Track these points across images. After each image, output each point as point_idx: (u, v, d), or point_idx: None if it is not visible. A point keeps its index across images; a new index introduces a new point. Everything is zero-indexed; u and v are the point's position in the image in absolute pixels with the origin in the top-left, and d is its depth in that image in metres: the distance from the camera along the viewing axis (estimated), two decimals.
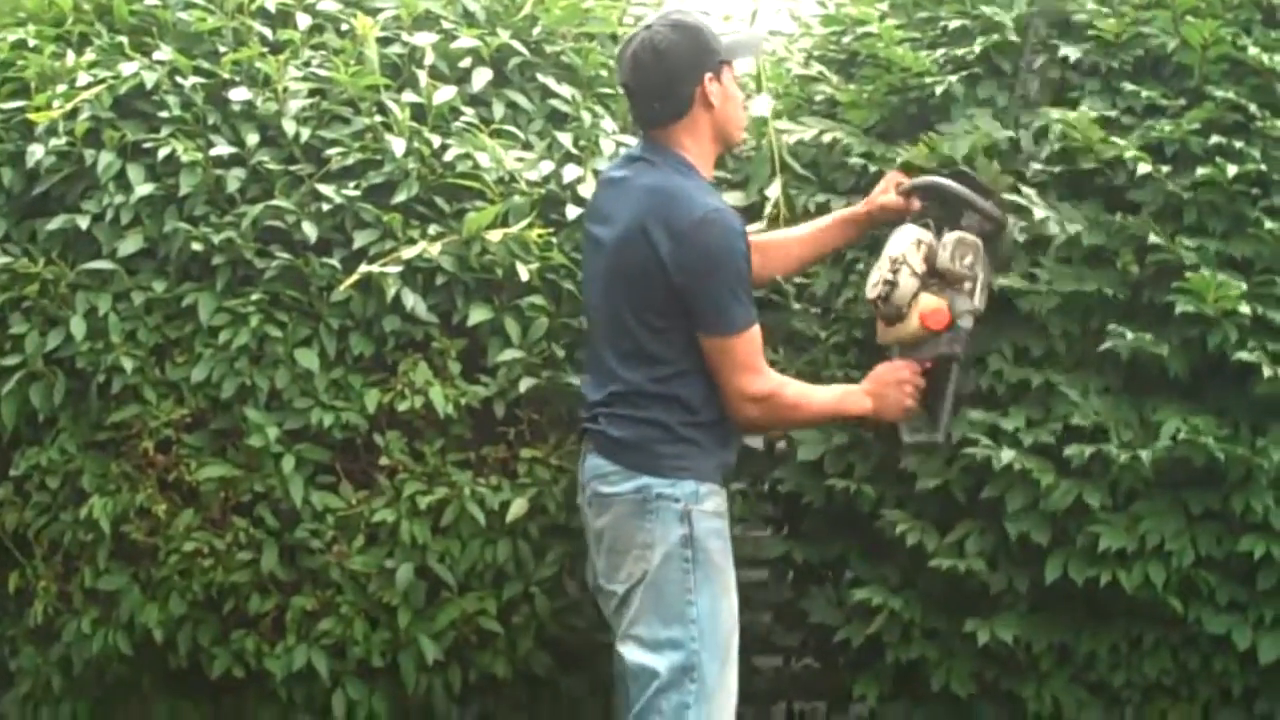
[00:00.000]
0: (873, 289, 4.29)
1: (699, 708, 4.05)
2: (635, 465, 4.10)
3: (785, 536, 4.75)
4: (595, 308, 4.22)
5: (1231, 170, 4.31)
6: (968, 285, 4.29)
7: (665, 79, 4.13)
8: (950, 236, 4.30)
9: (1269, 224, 4.34)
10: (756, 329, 4.13)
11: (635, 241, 4.08)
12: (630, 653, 4.09)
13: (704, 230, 4.05)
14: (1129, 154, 4.36)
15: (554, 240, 4.42)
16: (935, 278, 4.29)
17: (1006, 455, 4.24)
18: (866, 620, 4.49)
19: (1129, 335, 4.26)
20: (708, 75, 4.15)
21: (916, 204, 4.37)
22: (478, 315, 4.35)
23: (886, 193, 4.39)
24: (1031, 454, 4.29)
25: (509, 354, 4.35)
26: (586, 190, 4.44)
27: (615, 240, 4.13)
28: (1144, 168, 4.35)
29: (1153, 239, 4.30)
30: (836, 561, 4.61)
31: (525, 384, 4.36)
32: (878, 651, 4.53)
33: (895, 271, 4.27)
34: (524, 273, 4.34)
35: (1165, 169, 4.38)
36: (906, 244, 4.29)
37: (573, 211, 4.45)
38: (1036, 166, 4.45)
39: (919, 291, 4.27)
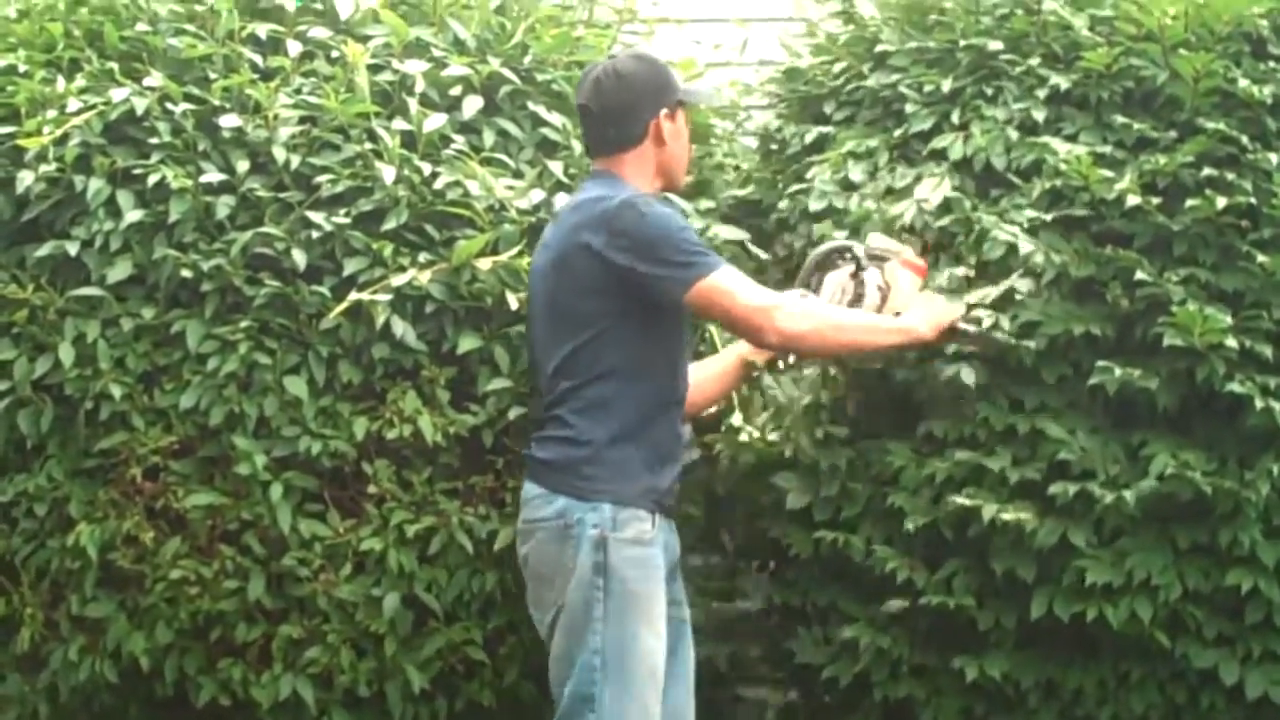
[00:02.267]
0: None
1: None
2: (556, 487, 4.07)
3: (771, 578, 4.70)
4: (538, 340, 4.20)
5: (1221, 203, 4.31)
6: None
7: (623, 105, 4.16)
8: (859, 246, 4.33)
9: (1259, 257, 4.34)
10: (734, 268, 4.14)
11: (568, 255, 4.08)
12: (552, 679, 4.10)
13: (632, 208, 4.05)
14: (1120, 186, 4.37)
15: None
16: (875, 259, 4.32)
17: (989, 511, 4.24)
18: (853, 658, 4.48)
19: (1117, 371, 4.26)
20: (664, 111, 4.18)
21: None
22: (467, 344, 4.35)
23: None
24: (1017, 495, 4.28)
25: (498, 383, 4.35)
26: None
27: (549, 264, 4.14)
28: (1133, 199, 4.36)
29: (1140, 275, 4.30)
30: (825, 606, 4.59)
31: (514, 413, 4.36)
32: (865, 689, 4.51)
33: (858, 289, 4.28)
34: (514, 301, 4.33)
35: (1156, 201, 4.38)
36: (836, 281, 4.29)
37: None
38: (1030, 212, 4.46)
39: (880, 279, 4.29)
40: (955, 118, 4.70)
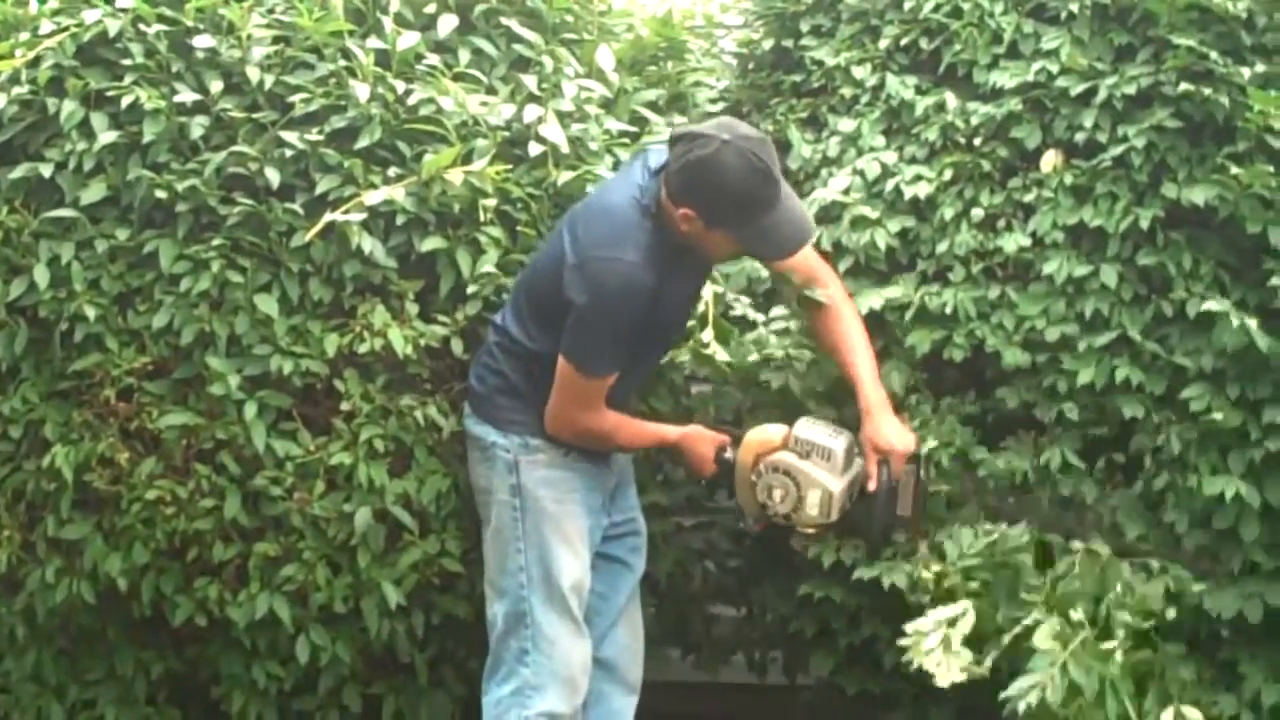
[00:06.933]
0: (815, 509, 4.21)
1: (538, 652, 4.16)
2: (479, 413, 4.23)
3: None
4: (525, 270, 4.31)
5: None
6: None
7: (675, 169, 4.05)
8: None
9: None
10: (613, 378, 4.13)
11: (558, 241, 4.13)
12: (486, 598, 4.25)
13: (606, 271, 4.03)
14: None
15: (510, 175, 4.40)
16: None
17: None
18: (814, 611, 4.49)
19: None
20: (689, 211, 4.04)
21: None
22: (430, 244, 4.33)
23: (874, 463, 4.24)
24: None
25: (473, 288, 4.34)
26: (547, 130, 4.41)
27: (570, 213, 4.20)
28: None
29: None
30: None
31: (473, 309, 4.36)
32: (831, 636, 4.54)
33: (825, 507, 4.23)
34: (484, 211, 4.33)
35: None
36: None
37: (534, 149, 4.41)
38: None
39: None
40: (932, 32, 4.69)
